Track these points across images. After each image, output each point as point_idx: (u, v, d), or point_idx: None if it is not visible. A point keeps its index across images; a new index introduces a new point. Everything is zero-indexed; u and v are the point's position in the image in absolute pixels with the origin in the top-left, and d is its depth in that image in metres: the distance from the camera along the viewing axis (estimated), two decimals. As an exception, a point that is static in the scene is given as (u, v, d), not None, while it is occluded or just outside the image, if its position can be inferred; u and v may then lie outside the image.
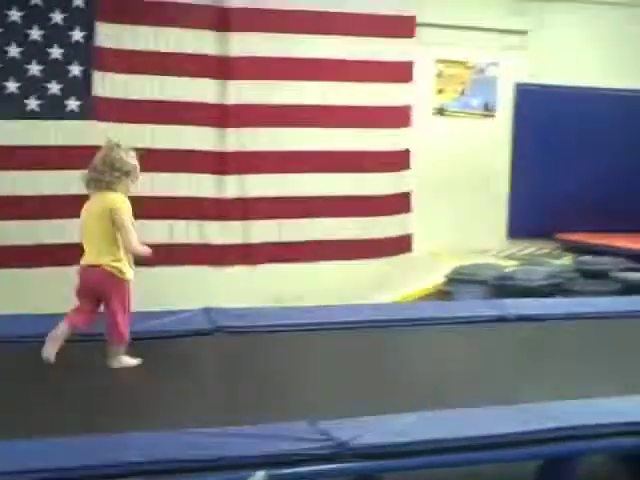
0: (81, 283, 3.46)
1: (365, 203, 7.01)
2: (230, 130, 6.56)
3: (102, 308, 3.51)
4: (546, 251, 7.27)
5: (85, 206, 3.53)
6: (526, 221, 7.53)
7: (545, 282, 5.43)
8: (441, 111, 7.26)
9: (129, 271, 3.48)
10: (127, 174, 3.46)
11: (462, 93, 7.31)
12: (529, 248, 7.48)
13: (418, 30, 7.05)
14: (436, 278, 6.40)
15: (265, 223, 6.71)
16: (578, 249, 7.15)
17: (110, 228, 3.40)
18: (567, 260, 6.44)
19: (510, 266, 6.38)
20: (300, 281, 6.74)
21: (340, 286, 6.73)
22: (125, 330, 3.44)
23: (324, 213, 6.89)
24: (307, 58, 6.70)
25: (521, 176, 7.51)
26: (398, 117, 7.05)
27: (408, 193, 7.14)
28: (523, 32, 7.40)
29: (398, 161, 7.11)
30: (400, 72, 7.00)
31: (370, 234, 7.03)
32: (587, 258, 6.39)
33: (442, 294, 6.12)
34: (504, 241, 7.56)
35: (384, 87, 6.96)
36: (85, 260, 3.47)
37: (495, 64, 7.38)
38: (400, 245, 7.24)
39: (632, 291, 5.44)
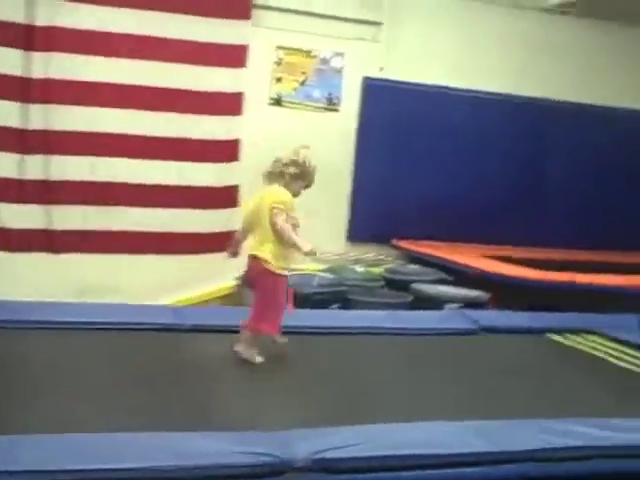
0: (246, 271, 3.59)
1: (187, 194, 6.50)
2: (34, 106, 5.99)
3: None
4: (380, 257, 6.88)
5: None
6: (368, 224, 7.10)
7: (321, 290, 5.02)
8: (278, 101, 6.77)
9: (283, 266, 3.46)
10: (304, 177, 3.61)
11: (303, 83, 6.83)
12: (368, 253, 7.10)
13: (258, 13, 6.56)
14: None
15: (70, 209, 6.16)
16: (410, 257, 6.80)
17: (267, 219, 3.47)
18: (377, 269, 6.06)
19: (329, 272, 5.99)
20: (112, 273, 6.28)
21: (155, 281, 6.33)
22: (260, 323, 3.40)
23: (140, 202, 6.38)
24: (126, 34, 6.16)
25: (364, 176, 7.04)
26: (228, 104, 6.54)
27: (236, 186, 6.65)
28: (376, 24, 6.96)
29: (226, 152, 6.60)
30: (233, 56, 6.49)
31: (191, 228, 6.54)
32: (395, 267, 6.02)
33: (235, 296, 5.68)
34: (343, 244, 7.17)
35: (214, 71, 6.44)
36: (250, 249, 3.55)
37: (341, 55, 6.92)
38: (225, 242, 6.75)
39: (423, 305, 5.11)
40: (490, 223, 7.26)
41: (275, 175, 3.58)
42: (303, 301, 4.92)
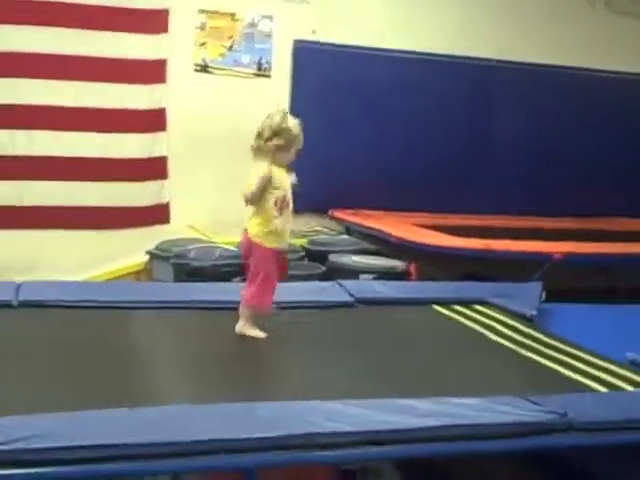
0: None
1: (112, 167, 6.34)
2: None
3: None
4: (317, 228, 6.68)
5: None
6: (306, 195, 6.85)
7: (221, 262, 4.84)
8: (205, 68, 6.56)
9: (271, 239, 3.34)
10: (291, 145, 3.39)
11: (230, 49, 6.60)
12: (309, 224, 6.91)
13: (176, -24, 6.36)
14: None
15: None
16: (346, 228, 6.61)
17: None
18: (300, 240, 5.86)
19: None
20: (30, 250, 6.14)
21: (78, 257, 6.17)
22: (250, 298, 3.32)
23: (63, 176, 6.20)
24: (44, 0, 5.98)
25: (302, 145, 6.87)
26: (151, 72, 6.32)
27: (163, 157, 6.45)
28: (306, -17, 6.72)
29: (151, 121, 6.40)
30: (153, 21, 6.27)
31: (119, 202, 6.37)
32: (318, 238, 5.84)
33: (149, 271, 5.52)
34: (279, 215, 6.96)
35: (134, 37, 6.23)
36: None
37: (270, 18, 6.69)
38: (155, 215, 6.56)
39: (336, 276, 4.85)
40: (428, 190, 7.05)
41: (261, 151, 3.35)
42: (199, 274, 4.81)
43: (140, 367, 2.82)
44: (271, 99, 6.76)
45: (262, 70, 6.71)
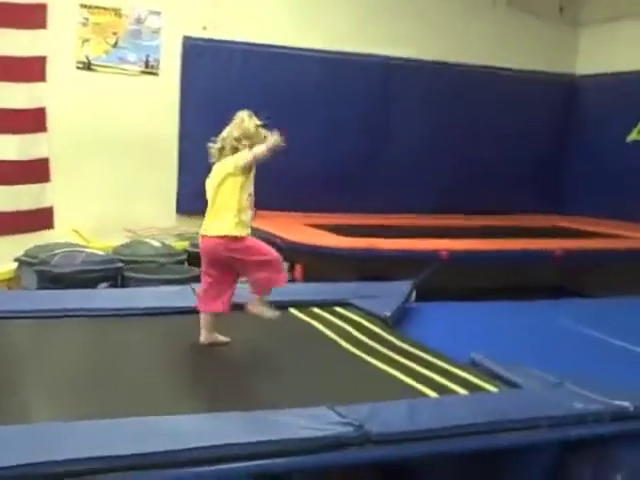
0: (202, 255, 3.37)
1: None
2: None
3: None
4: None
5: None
6: (197, 196, 6.66)
7: (85, 268, 4.60)
8: (88, 65, 6.28)
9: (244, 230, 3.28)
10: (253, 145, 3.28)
11: (115, 45, 6.33)
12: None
13: (55, -32, 6.08)
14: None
15: None
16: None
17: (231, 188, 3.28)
18: (183, 243, 5.66)
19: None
20: None
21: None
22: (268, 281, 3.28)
23: None
24: None
25: (191, 144, 6.54)
26: (29, 69, 6.02)
27: (45, 159, 6.16)
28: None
29: (30, 122, 6.10)
30: (30, 16, 5.98)
31: (-1, 206, 6.12)
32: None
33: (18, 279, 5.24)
34: (174, 218, 6.69)
35: (11, 33, 5.92)
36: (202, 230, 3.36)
37: (157, 13, 6.44)
38: (38, 220, 6.26)
39: None
40: (328, 190, 6.89)
41: (227, 152, 3.31)
42: (61, 280, 4.56)
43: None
44: (159, 98, 6.59)
45: (149, 68, 6.46)
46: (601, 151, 7.32)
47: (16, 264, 5.27)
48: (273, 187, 6.93)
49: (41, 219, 6.24)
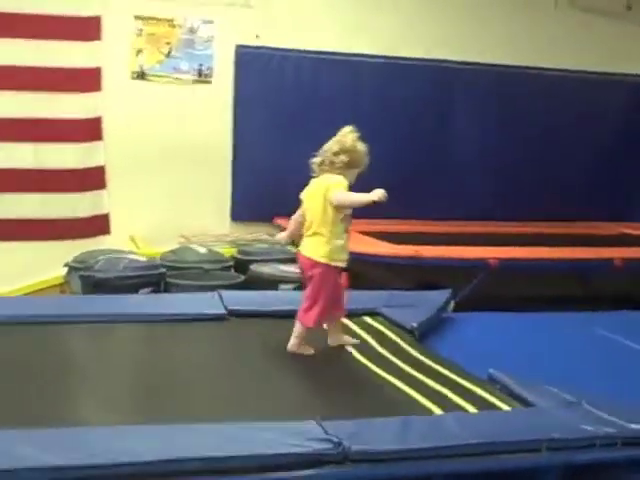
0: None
1: (48, 177, 6.17)
2: None
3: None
4: (260, 237, 6.44)
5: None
6: (252, 202, 6.65)
7: (126, 274, 4.59)
8: (142, 75, 6.36)
9: (336, 257, 3.24)
10: (356, 164, 3.31)
11: (168, 55, 6.39)
12: (255, 233, 6.68)
13: (110, -18, 6.19)
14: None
15: None
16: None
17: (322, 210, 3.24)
18: (230, 249, 5.64)
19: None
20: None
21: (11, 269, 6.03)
22: (310, 319, 3.21)
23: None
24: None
25: (245, 151, 6.55)
26: (85, 80, 6.12)
27: (101, 167, 6.25)
28: (248, -13, 6.50)
29: (87, 131, 6.19)
30: (85, 29, 6.09)
31: (57, 213, 6.22)
32: (248, 247, 5.60)
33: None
34: (228, 225, 6.72)
35: (66, 45, 6.04)
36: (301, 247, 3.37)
37: (210, 22, 6.48)
38: (94, 226, 6.34)
39: (256, 286, 4.73)
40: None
41: (325, 166, 3.29)
42: (104, 285, 4.61)
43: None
44: (212, 106, 6.61)
45: (202, 76, 6.51)
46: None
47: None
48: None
49: (97, 226, 6.35)
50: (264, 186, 6.70)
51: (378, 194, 3.16)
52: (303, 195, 3.38)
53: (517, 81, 7.09)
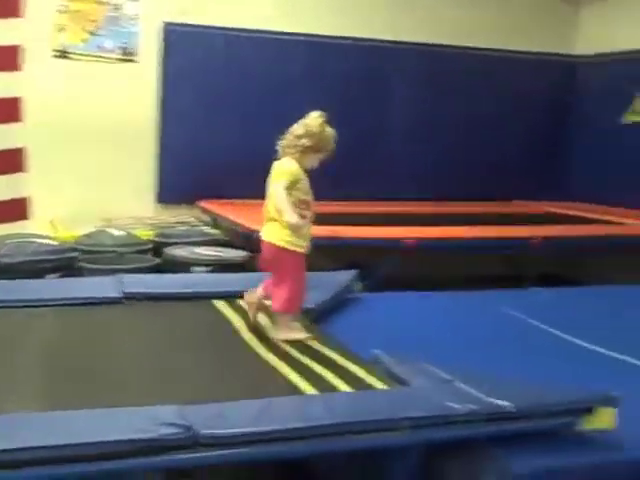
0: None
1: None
2: None
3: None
4: (185, 220, 6.35)
5: None
6: (179, 184, 6.54)
7: (34, 258, 4.51)
8: (64, 53, 6.22)
9: (295, 242, 3.16)
10: (320, 149, 3.23)
11: (94, 33, 6.27)
12: (180, 216, 6.58)
13: (34, -43, 6.01)
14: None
15: None
16: (214, 219, 6.29)
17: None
18: (149, 232, 5.55)
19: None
20: None
21: None
22: (280, 304, 3.19)
23: None
24: None
25: (172, 132, 6.47)
26: (4, 59, 5.97)
27: (20, 149, 6.13)
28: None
29: (6, 111, 6.05)
30: (4, 4, 5.95)
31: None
32: (167, 230, 5.52)
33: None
34: (153, 207, 6.58)
35: (-17, 22, 5.96)
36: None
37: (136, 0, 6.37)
38: (13, 211, 6.21)
39: (170, 269, 4.68)
40: (316, 178, 6.73)
41: (289, 148, 3.21)
42: (10, 270, 4.50)
43: None
44: (138, 85, 6.48)
45: (128, 55, 6.39)
46: (599, 135, 6.99)
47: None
48: (261, 176, 6.86)
49: (16, 210, 6.20)
50: (190, 168, 6.61)
51: (296, 223, 3.05)
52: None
53: (447, 61, 7.08)
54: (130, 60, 6.40)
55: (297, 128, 3.20)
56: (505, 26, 7.21)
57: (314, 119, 3.21)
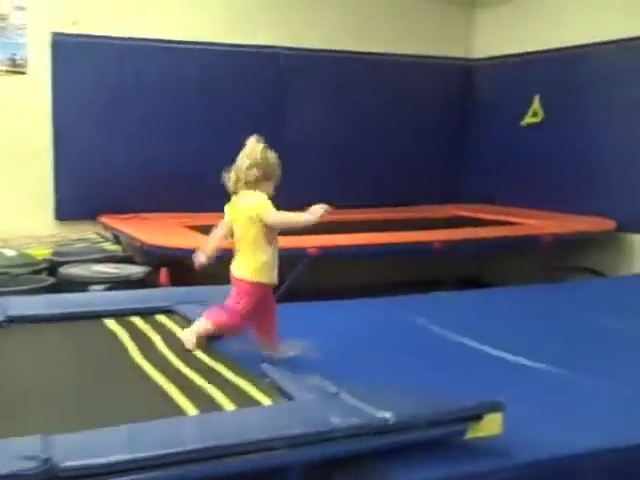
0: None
1: None
2: None
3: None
4: (87, 237, 6.13)
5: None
6: (78, 200, 6.33)
7: None
8: (-53, 66, 5.94)
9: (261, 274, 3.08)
10: (269, 176, 3.11)
11: (-19, 45, 6.01)
12: (81, 232, 6.35)
13: None
14: None
15: None
16: (115, 235, 6.09)
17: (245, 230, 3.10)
18: (44, 251, 5.34)
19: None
20: None
21: None
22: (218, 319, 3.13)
23: None
24: None
25: (68, 146, 6.26)
26: None
27: None
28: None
29: None
30: None
31: None
32: (63, 248, 5.31)
33: None
34: (52, 224, 6.31)
35: None
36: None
37: (22, 9, 6.10)
38: None
39: (67, 289, 4.42)
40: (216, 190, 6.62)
41: (240, 182, 3.08)
42: None
43: None
44: (28, 98, 6.21)
45: (16, 66, 6.14)
46: (500, 137, 7.11)
47: None
48: (161, 188, 6.70)
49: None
50: (89, 183, 6.40)
51: (320, 212, 2.98)
52: (227, 212, 3.19)
53: (349, 67, 7.09)
54: (19, 72, 6.15)
55: (243, 162, 3.08)
56: (401, 31, 7.26)
57: (254, 147, 3.10)
